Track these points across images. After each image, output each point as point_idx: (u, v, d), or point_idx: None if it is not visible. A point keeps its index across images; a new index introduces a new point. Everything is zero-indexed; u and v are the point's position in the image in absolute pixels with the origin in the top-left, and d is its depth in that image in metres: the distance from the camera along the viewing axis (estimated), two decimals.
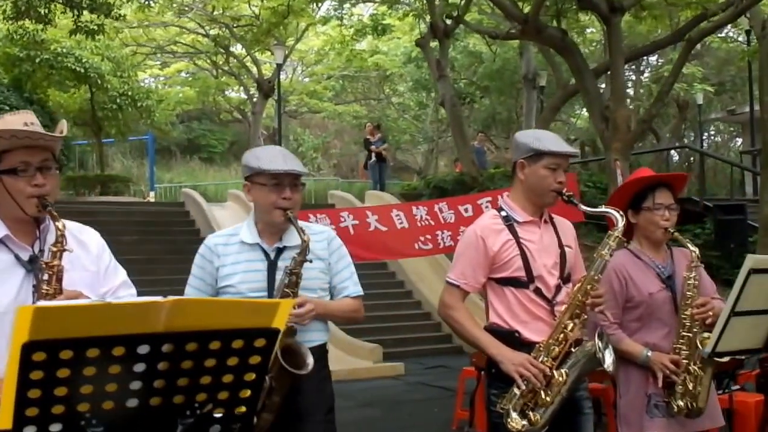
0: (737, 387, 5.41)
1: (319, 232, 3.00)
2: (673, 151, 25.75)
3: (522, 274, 2.98)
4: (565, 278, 3.06)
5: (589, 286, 2.93)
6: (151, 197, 20.30)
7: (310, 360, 2.67)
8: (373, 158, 17.66)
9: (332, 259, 2.97)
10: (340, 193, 16.14)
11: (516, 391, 2.86)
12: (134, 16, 19.12)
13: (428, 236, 8.56)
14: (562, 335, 2.92)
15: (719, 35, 24.55)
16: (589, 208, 3.18)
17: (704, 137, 33.38)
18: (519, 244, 3.01)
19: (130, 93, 16.93)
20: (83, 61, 15.61)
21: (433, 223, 8.57)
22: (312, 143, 31.66)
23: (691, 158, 25.39)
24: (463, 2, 15.51)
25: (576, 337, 2.93)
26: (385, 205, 10.39)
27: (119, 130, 18.19)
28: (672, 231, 3.33)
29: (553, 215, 3.22)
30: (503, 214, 3.09)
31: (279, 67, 19.46)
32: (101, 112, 17.15)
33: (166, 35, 22.25)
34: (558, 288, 3.03)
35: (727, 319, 2.63)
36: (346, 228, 8.89)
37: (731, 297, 2.63)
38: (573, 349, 2.92)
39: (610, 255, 2.98)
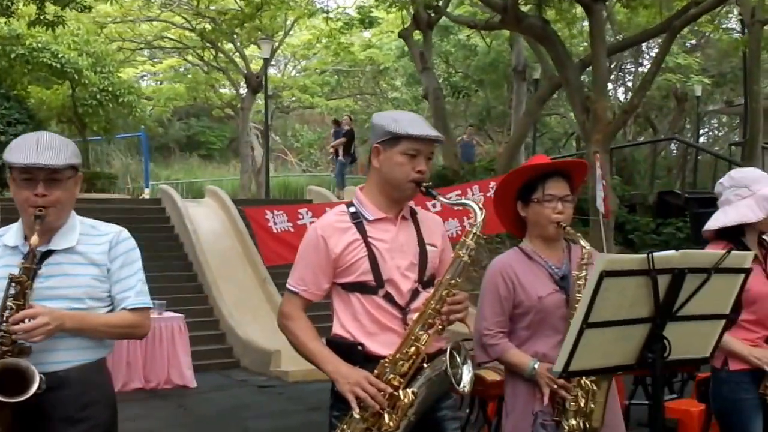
0: (674, 396, 5.05)
1: (102, 234, 2.63)
2: (673, 145, 25.26)
3: (370, 278, 2.60)
4: (425, 282, 2.67)
5: (444, 292, 2.53)
6: (147, 194, 20.20)
7: (35, 385, 2.27)
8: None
9: (113, 266, 2.59)
10: (317, 188, 15.88)
11: (355, 414, 2.50)
12: (119, 11, 18.91)
13: None
14: (413, 349, 2.52)
15: (722, 27, 24.13)
16: (447, 201, 2.80)
17: (706, 129, 32.93)
18: (367, 244, 2.62)
19: (110, 89, 16.63)
20: (59, 56, 15.32)
21: None
22: (308, 139, 31.36)
23: (689, 151, 24.88)
24: None
25: (430, 351, 2.55)
26: (348, 201, 10.01)
27: (101, 127, 17.90)
28: (564, 226, 2.91)
29: (417, 209, 2.82)
30: (352, 210, 2.70)
31: (266, 62, 19.09)
32: (82, 109, 16.87)
33: (152, 30, 21.96)
34: (414, 293, 2.63)
35: (579, 332, 2.20)
36: (303, 225, 8.53)
37: (581, 306, 2.21)
38: (425, 365, 2.54)
39: (469, 255, 2.57)
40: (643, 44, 22.16)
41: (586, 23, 22.35)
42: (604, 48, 12.02)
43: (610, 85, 26.53)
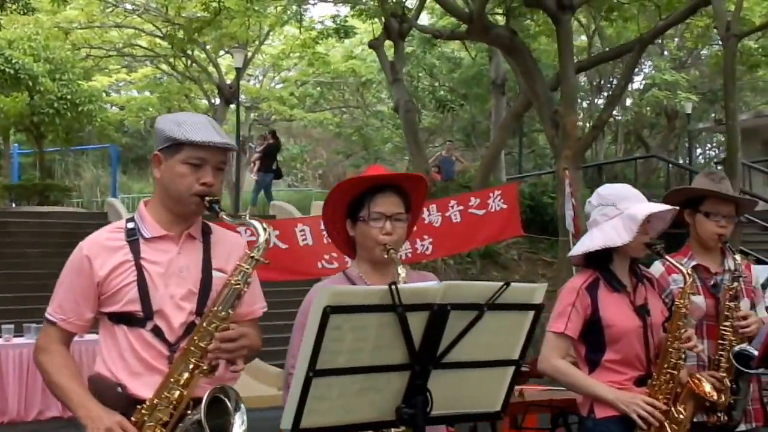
0: None
1: None
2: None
3: (137, 308, 2.28)
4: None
5: (212, 326, 2.19)
6: None
7: None
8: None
9: None
10: (281, 203, 15.31)
11: None
12: (83, 16, 18.37)
13: (334, 254, 7.54)
14: (176, 393, 2.19)
15: (712, 42, 23.61)
16: (230, 219, 2.41)
17: (704, 148, 32.19)
18: (138, 266, 2.29)
19: (69, 97, 15.99)
20: (13, 61, 14.68)
21: None
22: (291, 152, 30.73)
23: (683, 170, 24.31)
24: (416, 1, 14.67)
25: (199, 396, 2.18)
26: (289, 220, 9.44)
27: (59, 137, 17.25)
28: (389, 248, 2.49)
29: (216, 226, 2.44)
30: (130, 226, 2.38)
31: (239, 72, 18.54)
32: (37, 117, 16.21)
33: (120, 37, 21.38)
34: (189, 327, 2.28)
35: (306, 382, 1.73)
36: (251, 243, 7.98)
37: (304, 350, 1.74)
38: (189, 412, 2.21)
39: (246, 282, 2.23)
40: None
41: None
42: (573, 60, 11.50)
43: (599, 101, 26.09)
